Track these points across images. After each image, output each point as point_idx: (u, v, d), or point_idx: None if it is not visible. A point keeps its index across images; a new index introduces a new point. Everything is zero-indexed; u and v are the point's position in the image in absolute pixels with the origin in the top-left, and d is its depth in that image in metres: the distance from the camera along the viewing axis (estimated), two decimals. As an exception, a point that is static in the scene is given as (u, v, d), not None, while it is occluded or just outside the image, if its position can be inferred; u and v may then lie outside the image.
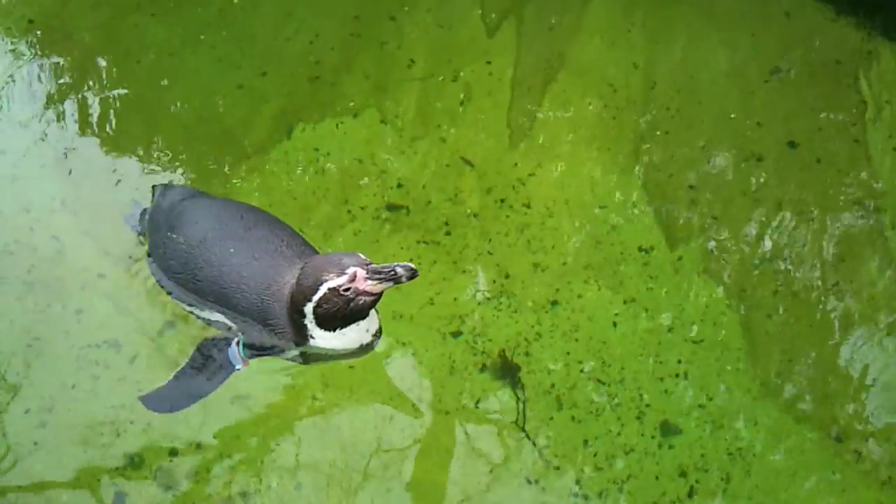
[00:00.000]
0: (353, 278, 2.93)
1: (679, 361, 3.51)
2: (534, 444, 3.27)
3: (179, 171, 4.07)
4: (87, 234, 3.75)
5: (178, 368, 3.25)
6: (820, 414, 3.40)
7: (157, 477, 3.07)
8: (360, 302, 3.00)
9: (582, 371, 3.45)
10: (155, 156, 4.15)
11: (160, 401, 3.21)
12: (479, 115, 4.44)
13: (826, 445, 3.32)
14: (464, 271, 3.75)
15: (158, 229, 3.45)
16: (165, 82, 4.51)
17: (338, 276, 2.94)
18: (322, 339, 3.15)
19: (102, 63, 4.59)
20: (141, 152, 4.15)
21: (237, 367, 3.24)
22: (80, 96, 4.40)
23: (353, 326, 3.15)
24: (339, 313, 3.03)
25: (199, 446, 3.17)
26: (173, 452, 3.15)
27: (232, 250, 3.22)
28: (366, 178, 4.09)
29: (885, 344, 3.59)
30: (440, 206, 3.99)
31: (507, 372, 3.43)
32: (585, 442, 3.29)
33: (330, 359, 3.35)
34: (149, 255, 3.54)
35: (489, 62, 4.68)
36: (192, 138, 4.29)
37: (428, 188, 4.07)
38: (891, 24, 4.80)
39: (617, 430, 3.32)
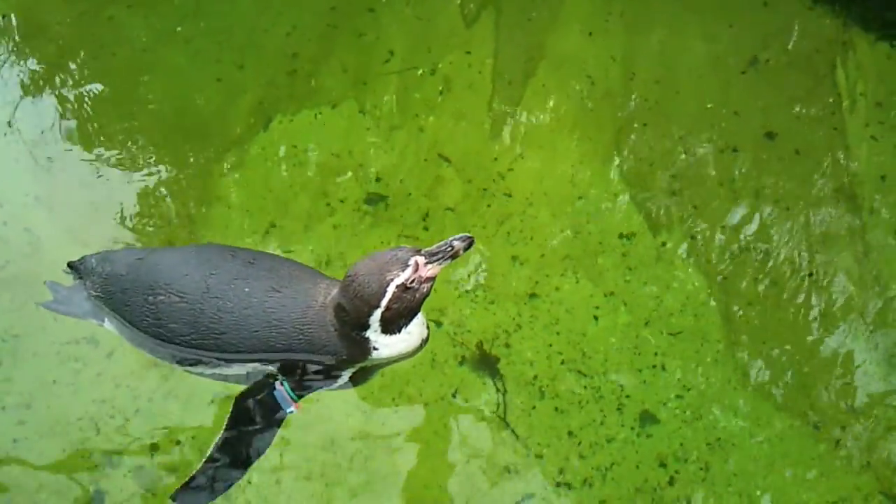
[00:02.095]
0: (416, 268, 2.86)
1: (656, 354, 3.52)
2: (515, 434, 3.27)
3: (157, 165, 4.04)
4: (63, 228, 3.72)
5: (216, 440, 2.99)
6: (798, 402, 3.42)
7: (137, 474, 3.04)
8: (424, 290, 2.93)
9: (563, 363, 3.46)
10: (132, 149, 4.12)
11: (203, 487, 2.92)
12: (459, 106, 4.43)
13: (805, 433, 3.34)
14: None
15: (128, 300, 3.10)
16: (142, 76, 4.48)
17: (402, 271, 2.84)
18: (388, 346, 3.04)
19: (78, 56, 4.54)
20: (118, 146, 4.12)
21: (289, 410, 3.03)
22: (55, 90, 4.35)
23: (415, 321, 3.05)
24: (406, 310, 2.94)
25: (178, 443, 3.15)
26: (153, 449, 3.12)
27: (247, 290, 2.97)
28: (345, 171, 4.07)
29: (862, 332, 3.61)
30: (419, 199, 3.98)
31: (487, 364, 3.43)
32: (570, 433, 3.29)
33: (383, 367, 3.24)
34: (126, 328, 3.17)
35: (468, 52, 4.67)
36: (170, 132, 4.26)
37: (406, 181, 4.06)
38: (867, 14, 4.83)
39: (599, 420, 3.32)
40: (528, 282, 3.69)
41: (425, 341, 3.20)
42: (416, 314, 3.03)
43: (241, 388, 3.12)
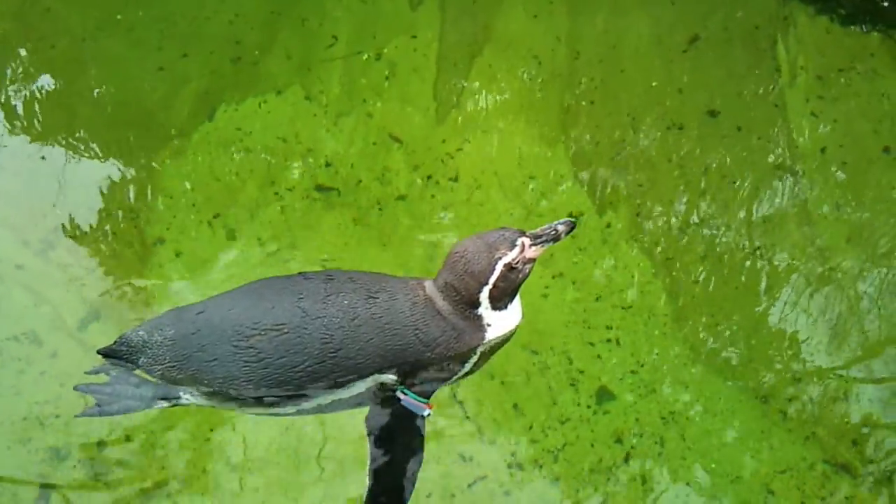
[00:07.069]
0: (522, 249, 2.91)
1: (609, 327, 3.55)
2: (467, 416, 3.28)
3: (100, 157, 3.98)
4: (4, 224, 3.65)
5: (369, 466, 2.89)
6: (746, 375, 3.47)
7: (85, 469, 3.00)
8: (526, 271, 2.98)
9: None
10: (74, 142, 4.05)
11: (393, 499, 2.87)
12: (405, 90, 4.41)
13: (753, 406, 3.39)
14: (394, 252, 3.74)
15: (213, 356, 2.83)
16: (83, 66, 4.40)
17: (510, 251, 2.90)
18: (497, 324, 3.07)
19: (16, 50, 4.46)
20: (60, 139, 4.05)
21: (425, 413, 2.96)
22: (-7, 83, 4.27)
23: (516, 298, 3.11)
24: (510, 289, 3.00)
25: (128, 438, 3.11)
26: (101, 445, 3.08)
27: (346, 302, 2.89)
28: (294, 158, 4.04)
29: (806, 305, 3.67)
30: (370, 186, 3.96)
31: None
32: (517, 407, 3.31)
33: (495, 351, 3.21)
34: (215, 392, 2.90)
35: (414, 37, 4.65)
36: (114, 123, 4.20)
37: (357, 167, 4.04)
38: (806, -11, 4.89)
39: (552, 400, 3.34)
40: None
41: (521, 319, 3.23)
42: (517, 293, 3.09)
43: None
